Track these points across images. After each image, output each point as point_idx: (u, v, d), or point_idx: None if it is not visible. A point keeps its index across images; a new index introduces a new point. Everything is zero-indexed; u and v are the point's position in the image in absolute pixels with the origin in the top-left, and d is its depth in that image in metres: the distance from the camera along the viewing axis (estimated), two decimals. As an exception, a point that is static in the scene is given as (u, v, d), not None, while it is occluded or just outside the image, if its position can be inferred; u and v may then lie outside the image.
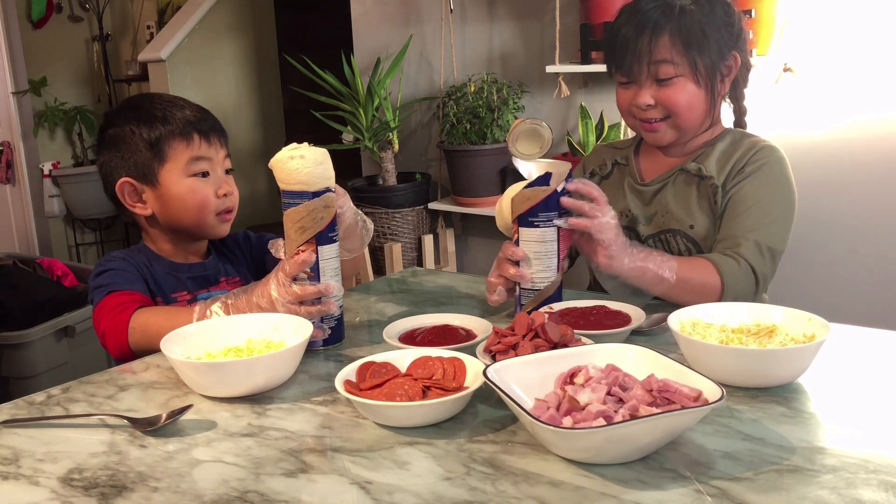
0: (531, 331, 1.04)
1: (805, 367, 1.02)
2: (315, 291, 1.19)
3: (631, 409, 0.84)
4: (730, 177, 1.43)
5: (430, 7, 3.16)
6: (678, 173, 1.49)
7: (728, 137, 1.49)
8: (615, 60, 1.47)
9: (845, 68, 2.28)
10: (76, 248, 4.77)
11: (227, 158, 1.47)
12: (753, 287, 1.36)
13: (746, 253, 1.35)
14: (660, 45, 1.40)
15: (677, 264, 1.31)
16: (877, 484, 0.78)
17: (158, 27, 4.61)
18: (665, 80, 1.41)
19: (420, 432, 0.94)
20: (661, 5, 1.41)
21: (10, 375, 2.70)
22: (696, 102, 1.43)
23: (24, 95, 4.41)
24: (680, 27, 1.39)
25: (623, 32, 1.43)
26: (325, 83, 3.10)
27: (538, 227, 1.25)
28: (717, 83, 1.44)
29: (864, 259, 2.34)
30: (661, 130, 1.46)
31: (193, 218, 1.41)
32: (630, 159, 1.58)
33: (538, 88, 2.93)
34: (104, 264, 1.39)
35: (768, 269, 1.38)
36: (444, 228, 3.19)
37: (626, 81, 1.46)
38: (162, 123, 1.40)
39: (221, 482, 0.85)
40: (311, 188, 1.17)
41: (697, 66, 1.41)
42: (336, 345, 1.24)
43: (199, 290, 1.44)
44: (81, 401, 1.09)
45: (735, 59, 1.45)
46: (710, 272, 1.33)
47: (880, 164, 2.28)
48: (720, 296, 1.32)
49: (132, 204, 1.43)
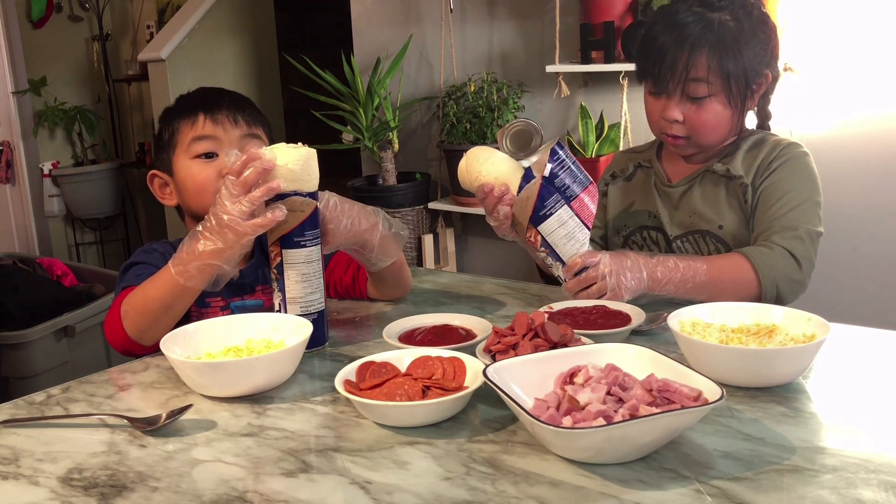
0: (531, 330, 1.04)
1: (805, 366, 1.02)
2: (255, 172, 1.11)
3: (631, 409, 0.84)
4: (758, 174, 1.43)
5: (430, 7, 3.16)
6: (704, 174, 1.48)
7: (751, 138, 1.49)
8: (649, 70, 1.45)
9: (845, 68, 2.28)
10: (76, 248, 4.77)
11: (251, 139, 1.37)
12: (796, 269, 1.33)
13: (779, 239, 1.34)
14: (698, 64, 1.38)
15: (706, 268, 1.30)
16: (877, 484, 0.78)
17: (158, 27, 4.61)
18: (698, 98, 1.40)
19: (420, 432, 0.94)
20: (701, 20, 1.39)
21: (10, 375, 2.71)
22: (723, 122, 1.43)
23: (24, 95, 4.41)
24: (718, 45, 1.37)
25: (660, 42, 1.41)
26: (324, 83, 3.09)
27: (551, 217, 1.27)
28: (747, 101, 1.44)
29: (865, 258, 2.34)
30: (684, 145, 1.47)
31: (197, 202, 1.35)
32: (653, 161, 1.57)
33: (538, 88, 2.93)
34: (136, 256, 1.36)
35: (809, 250, 1.36)
36: (444, 228, 3.19)
37: (657, 91, 1.45)
38: (179, 113, 1.37)
39: (221, 482, 0.85)
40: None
41: (731, 87, 1.39)
42: (319, 348, 1.23)
43: (234, 297, 1.37)
44: (81, 401, 1.09)
45: (767, 77, 1.44)
46: (743, 267, 1.32)
47: (881, 164, 2.28)
48: (759, 287, 1.31)
49: (161, 196, 1.41)
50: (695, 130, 1.43)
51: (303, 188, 1.18)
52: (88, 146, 4.78)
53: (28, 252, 4.35)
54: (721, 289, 1.30)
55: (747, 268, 1.32)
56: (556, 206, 1.26)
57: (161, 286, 1.17)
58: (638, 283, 1.28)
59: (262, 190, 1.12)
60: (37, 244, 4.51)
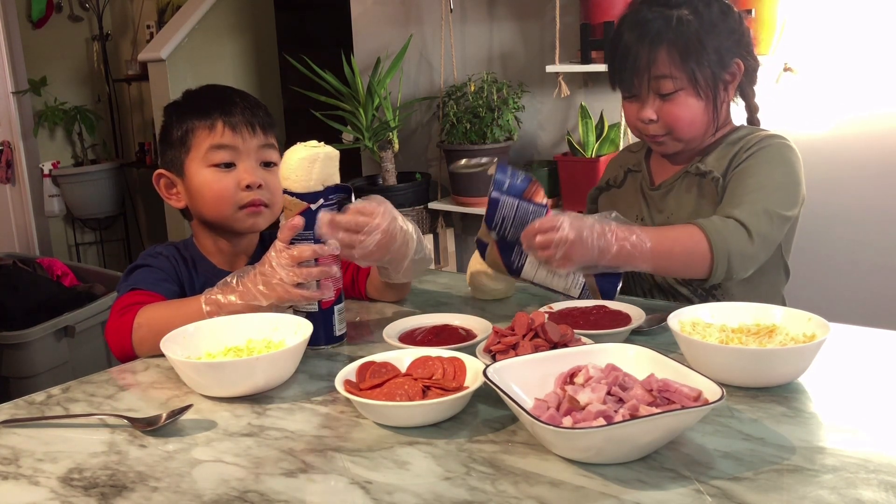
0: (531, 330, 1.04)
1: (805, 366, 1.02)
2: (311, 252, 1.17)
3: (631, 409, 0.84)
4: (731, 166, 1.41)
5: (430, 7, 3.16)
6: (684, 175, 1.48)
7: (735, 134, 1.47)
8: (617, 74, 1.45)
9: (845, 68, 2.28)
10: (76, 248, 4.77)
11: (267, 149, 1.38)
12: (747, 240, 1.27)
13: (736, 213, 1.29)
14: (658, 61, 1.38)
15: (652, 235, 1.25)
16: (877, 484, 0.78)
17: (158, 27, 4.61)
18: (666, 94, 1.40)
19: (420, 432, 0.94)
20: (660, 16, 1.39)
21: (10, 375, 2.70)
22: (698, 115, 1.41)
23: (24, 95, 4.41)
24: (677, 40, 1.37)
25: (624, 42, 1.42)
26: (325, 83, 3.09)
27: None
28: (720, 92, 1.42)
29: (865, 258, 2.34)
30: (665, 143, 1.46)
31: (213, 212, 1.36)
32: (642, 164, 1.57)
33: (538, 88, 2.93)
34: (143, 258, 1.36)
35: (764, 227, 1.30)
36: (444, 228, 3.19)
37: (629, 95, 1.45)
38: (192, 114, 1.36)
39: (221, 482, 0.85)
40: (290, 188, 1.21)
41: (697, 79, 1.39)
42: (323, 346, 1.23)
43: None
44: (81, 401, 1.09)
45: (738, 66, 1.43)
46: (694, 235, 1.27)
47: (880, 164, 2.28)
48: (710, 256, 1.25)
49: (168, 196, 1.41)
50: (670, 126, 1.42)
51: (291, 187, 1.19)
52: (88, 146, 4.78)
53: (28, 252, 4.35)
54: (673, 259, 1.26)
55: (700, 237, 1.27)
56: (521, 258, 1.28)
57: (186, 318, 1.17)
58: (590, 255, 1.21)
59: (318, 270, 1.18)
60: (37, 244, 4.51)
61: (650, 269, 1.27)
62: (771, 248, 1.35)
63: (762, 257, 1.33)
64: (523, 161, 2.98)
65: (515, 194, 1.25)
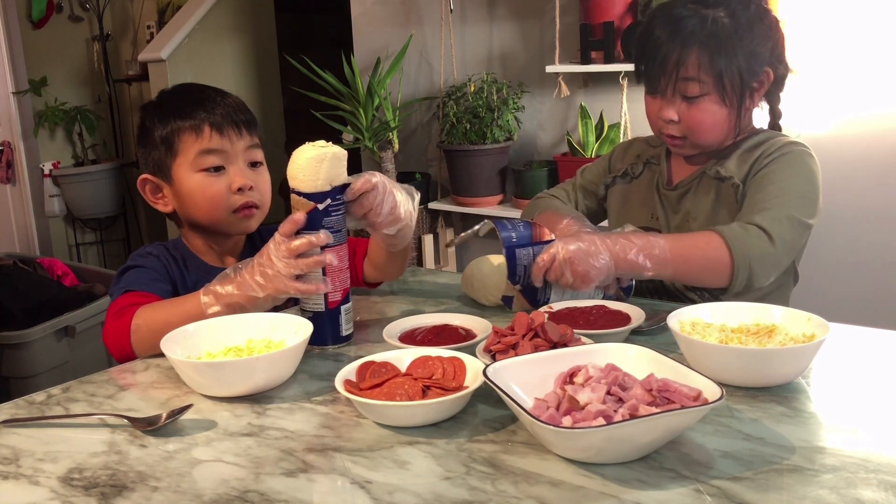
0: (531, 330, 1.04)
1: (805, 366, 1.02)
2: (308, 243, 1.17)
3: (631, 409, 0.84)
4: (751, 172, 1.38)
5: (430, 7, 3.16)
6: (701, 176, 1.46)
7: (755, 137, 1.44)
8: (644, 69, 1.43)
9: (845, 68, 2.28)
10: (76, 248, 4.77)
11: (254, 149, 1.39)
12: (769, 245, 1.26)
13: (757, 219, 1.28)
14: (688, 62, 1.35)
15: (670, 241, 1.25)
16: (877, 484, 0.78)
17: (158, 27, 4.61)
18: (692, 98, 1.37)
19: (420, 432, 0.94)
20: (695, 15, 1.35)
21: (10, 375, 2.71)
22: (720, 122, 1.39)
23: (25, 95, 4.41)
24: (709, 42, 1.34)
25: (655, 38, 1.38)
26: (325, 83, 3.10)
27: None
28: (746, 100, 1.39)
29: (865, 258, 2.34)
30: (683, 145, 1.44)
31: (206, 216, 1.37)
32: (661, 158, 1.54)
33: (538, 88, 2.93)
34: (134, 259, 1.36)
35: (786, 232, 1.29)
36: (443, 228, 3.19)
37: (652, 91, 1.43)
38: (175, 116, 1.35)
39: (221, 482, 0.85)
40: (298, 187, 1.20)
41: (724, 86, 1.36)
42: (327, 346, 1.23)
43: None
44: (81, 400, 1.09)
45: (767, 75, 1.40)
46: (714, 244, 1.26)
47: (880, 164, 2.28)
48: (731, 264, 1.25)
49: (154, 200, 1.40)
50: (690, 130, 1.40)
51: (299, 187, 1.19)
52: (89, 146, 4.78)
53: (28, 252, 4.35)
54: (692, 266, 1.26)
55: (719, 243, 1.26)
56: (546, 291, 1.29)
57: (185, 314, 1.18)
58: (604, 266, 1.23)
59: (314, 260, 1.17)
60: (37, 244, 4.51)
61: (669, 276, 1.27)
62: (793, 254, 1.34)
63: (784, 263, 1.32)
64: (523, 161, 2.99)
65: (526, 243, 1.28)
